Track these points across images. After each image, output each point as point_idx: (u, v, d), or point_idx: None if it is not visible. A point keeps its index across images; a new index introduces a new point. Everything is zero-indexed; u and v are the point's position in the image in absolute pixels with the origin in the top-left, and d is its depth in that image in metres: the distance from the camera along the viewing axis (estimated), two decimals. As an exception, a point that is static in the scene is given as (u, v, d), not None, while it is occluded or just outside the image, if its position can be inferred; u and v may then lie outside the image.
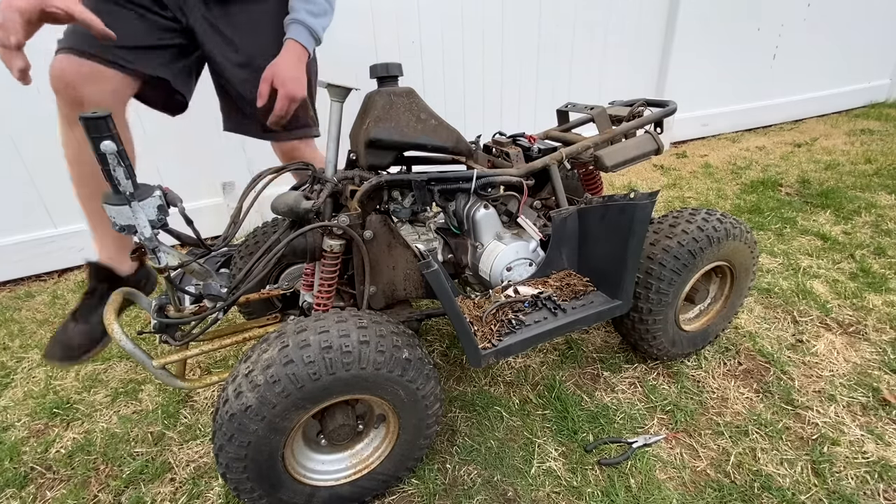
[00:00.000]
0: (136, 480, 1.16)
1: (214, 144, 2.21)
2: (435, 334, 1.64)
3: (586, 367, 1.45)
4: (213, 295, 0.97)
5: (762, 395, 1.32)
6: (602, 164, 1.28)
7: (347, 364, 0.85)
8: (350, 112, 1.13)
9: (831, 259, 1.94)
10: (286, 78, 1.20)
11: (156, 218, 0.78)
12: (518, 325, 1.08)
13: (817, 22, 3.64)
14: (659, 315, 1.24)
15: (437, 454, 1.19)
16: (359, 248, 1.06)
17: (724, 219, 1.25)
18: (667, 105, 1.40)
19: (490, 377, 1.43)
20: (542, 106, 3.00)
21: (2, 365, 1.58)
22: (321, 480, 1.00)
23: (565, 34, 2.88)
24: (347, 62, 2.33)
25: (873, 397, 1.29)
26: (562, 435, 1.23)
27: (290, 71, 1.22)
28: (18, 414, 1.38)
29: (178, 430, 1.29)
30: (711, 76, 3.44)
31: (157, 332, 1.02)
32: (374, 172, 1.14)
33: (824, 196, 2.52)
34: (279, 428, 0.85)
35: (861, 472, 1.09)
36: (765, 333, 1.54)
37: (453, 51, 2.58)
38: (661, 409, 1.29)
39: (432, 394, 0.98)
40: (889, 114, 4.06)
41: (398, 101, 1.08)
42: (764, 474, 1.10)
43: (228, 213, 2.32)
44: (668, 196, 2.69)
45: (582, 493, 1.08)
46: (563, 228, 1.20)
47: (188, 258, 0.91)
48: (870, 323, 1.56)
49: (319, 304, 1.11)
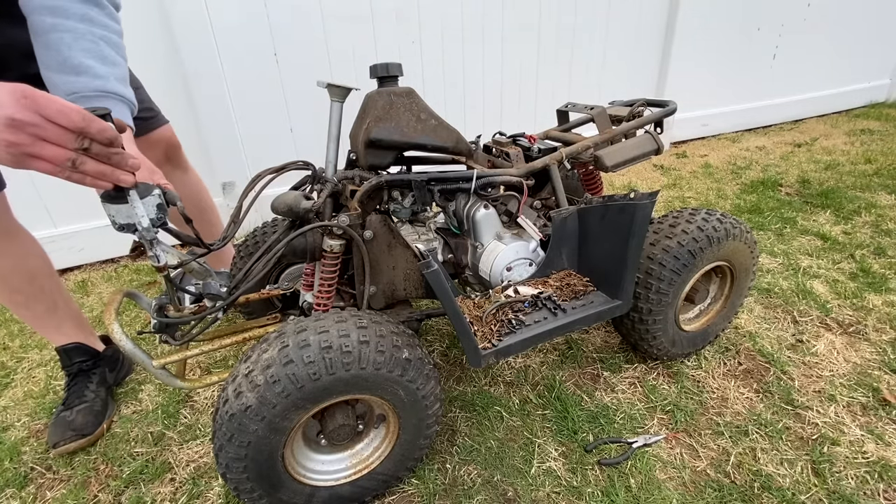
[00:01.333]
0: (136, 480, 1.16)
1: (214, 144, 2.21)
2: (435, 334, 1.64)
3: (586, 367, 1.45)
4: (213, 294, 0.97)
5: (762, 395, 1.32)
6: (602, 164, 1.28)
7: (347, 364, 0.85)
8: (350, 112, 1.13)
9: (831, 259, 1.94)
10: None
11: (155, 216, 0.78)
12: (518, 325, 1.08)
13: (817, 22, 3.64)
14: (659, 315, 1.24)
15: (437, 454, 1.19)
16: (359, 248, 1.06)
17: (724, 219, 1.25)
18: (667, 105, 1.40)
19: (490, 377, 1.43)
20: (542, 106, 3.00)
21: (2, 365, 1.58)
22: (321, 480, 1.00)
23: (565, 34, 2.88)
24: (347, 62, 2.33)
25: (873, 397, 1.29)
26: (562, 435, 1.23)
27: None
28: (18, 414, 1.38)
29: (178, 430, 1.29)
30: (711, 76, 3.44)
31: (156, 331, 1.02)
32: (374, 172, 1.14)
33: (824, 196, 2.52)
34: (279, 428, 0.85)
35: (861, 472, 1.09)
36: (765, 333, 1.54)
37: (453, 51, 2.58)
38: (661, 409, 1.29)
39: (432, 394, 0.98)
40: (889, 114, 4.06)
41: (398, 101, 1.08)
42: (764, 474, 1.10)
43: (228, 213, 2.32)
44: (668, 196, 2.69)
45: (582, 493, 1.08)
46: (563, 228, 1.20)
47: (188, 257, 0.91)
48: (870, 323, 1.56)
49: (319, 304, 1.11)
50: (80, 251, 2.15)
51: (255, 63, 2.16)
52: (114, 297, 1.02)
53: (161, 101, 1.42)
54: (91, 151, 0.64)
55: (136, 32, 1.94)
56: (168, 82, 2.05)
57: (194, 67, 2.04)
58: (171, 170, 1.48)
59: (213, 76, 2.09)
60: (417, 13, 2.41)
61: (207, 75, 2.08)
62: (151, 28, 1.96)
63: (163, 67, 2.02)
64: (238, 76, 2.14)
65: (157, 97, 1.41)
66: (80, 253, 2.16)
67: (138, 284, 2.04)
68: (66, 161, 0.63)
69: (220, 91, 2.13)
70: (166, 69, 2.03)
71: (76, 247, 2.12)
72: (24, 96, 0.58)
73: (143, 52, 1.97)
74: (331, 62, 2.31)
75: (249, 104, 2.22)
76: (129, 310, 1.85)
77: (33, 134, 0.59)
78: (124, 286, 2.03)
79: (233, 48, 2.09)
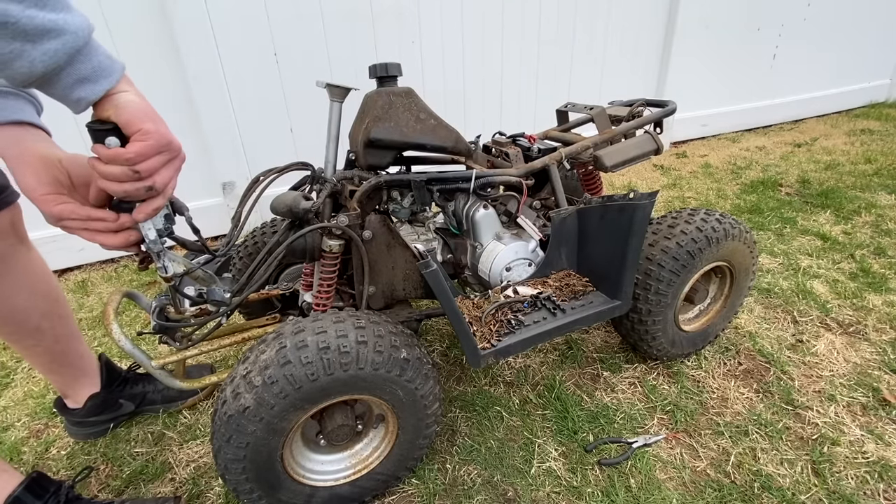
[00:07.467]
0: (136, 480, 1.16)
1: (214, 144, 2.21)
2: (435, 334, 1.64)
3: (586, 367, 1.45)
4: (217, 301, 0.97)
5: (762, 395, 1.32)
6: (601, 165, 1.28)
7: (345, 364, 0.85)
8: (349, 112, 1.13)
9: (831, 259, 1.94)
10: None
11: (162, 227, 0.77)
12: (517, 326, 1.08)
13: (817, 22, 3.64)
14: (658, 315, 1.24)
15: (437, 454, 1.19)
16: (358, 248, 1.06)
17: (724, 219, 1.25)
18: (666, 105, 1.40)
19: (490, 377, 1.43)
20: (542, 106, 3.00)
21: (2, 365, 1.58)
22: (320, 481, 0.99)
23: (565, 34, 2.88)
24: (347, 62, 2.33)
25: (873, 397, 1.29)
26: (562, 435, 1.23)
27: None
28: (18, 414, 1.38)
29: (178, 430, 1.29)
30: (711, 76, 3.44)
31: (156, 332, 1.02)
32: (374, 172, 1.14)
33: (824, 196, 2.51)
34: (277, 429, 0.85)
35: (861, 472, 1.09)
36: (765, 333, 1.54)
37: (453, 51, 2.58)
38: (661, 409, 1.28)
39: (431, 393, 0.98)
40: (889, 114, 4.05)
41: (397, 101, 1.07)
42: (764, 474, 1.09)
43: (229, 213, 2.32)
44: (667, 196, 2.69)
45: (582, 493, 1.08)
46: (562, 228, 1.20)
47: (193, 265, 0.91)
48: (870, 323, 1.56)
49: (318, 304, 1.11)
50: (80, 251, 2.15)
51: (255, 63, 2.15)
52: (113, 298, 1.02)
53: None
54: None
55: (137, 33, 1.95)
56: (168, 82, 2.05)
57: (194, 67, 2.04)
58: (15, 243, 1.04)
59: (213, 76, 2.09)
60: (417, 13, 2.41)
61: (207, 75, 2.08)
62: (152, 28, 1.95)
63: (163, 68, 2.02)
64: (238, 76, 2.14)
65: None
66: (80, 253, 2.16)
67: (138, 285, 2.04)
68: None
69: (220, 91, 2.13)
70: (166, 69, 2.03)
71: (76, 247, 2.12)
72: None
73: (143, 53, 1.98)
74: (331, 62, 2.31)
75: (249, 104, 2.22)
76: (129, 310, 1.85)
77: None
78: (124, 286, 2.03)
79: (233, 48, 2.09)
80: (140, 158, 0.62)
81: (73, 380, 1.21)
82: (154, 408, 1.33)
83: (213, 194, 2.33)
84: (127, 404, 1.28)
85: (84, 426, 1.25)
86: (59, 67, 0.55)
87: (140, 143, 0.62)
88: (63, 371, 1.18)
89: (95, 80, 0.59)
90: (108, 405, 1.25)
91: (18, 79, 0.55)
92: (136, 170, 0.63)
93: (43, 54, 0.54)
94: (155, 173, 0.66)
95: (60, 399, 1.23)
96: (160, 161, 0.65)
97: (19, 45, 0.52)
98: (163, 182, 0.67)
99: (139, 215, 0.70)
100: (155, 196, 0.68)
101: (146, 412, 1.33)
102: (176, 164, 0.69)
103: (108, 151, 0.62)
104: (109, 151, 0.62)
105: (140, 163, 0.63)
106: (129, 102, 0.62)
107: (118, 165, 0.62)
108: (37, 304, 1.07)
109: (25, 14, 0.51)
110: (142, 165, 0.63)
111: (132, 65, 1.03)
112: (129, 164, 0.62)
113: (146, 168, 0.64)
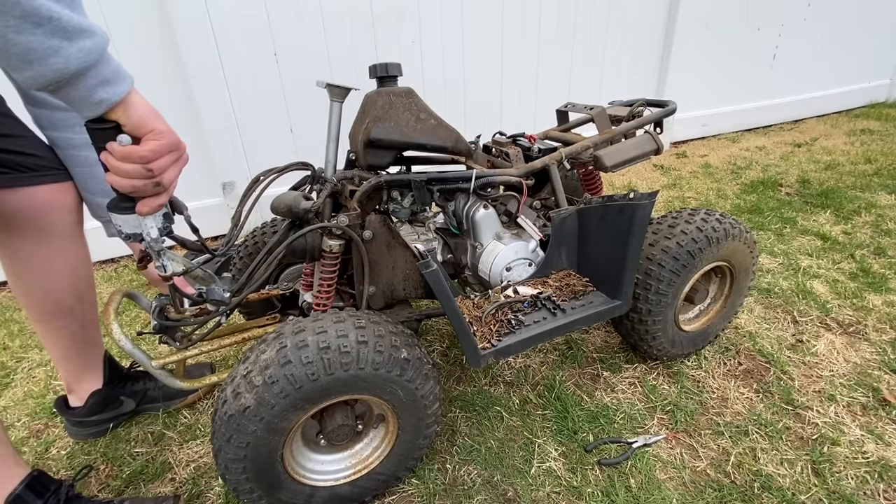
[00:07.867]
0: (136, 480, 1.16)
1: (214, 144, 2.21)
2: (435, 334, 1.64)
3: (586, 367, 1.45)
4: (217, 300, 0.97)
5: (762, 395, 1.32)
6: (602, 165, 1.28)
7: (346, 364, 0.85)
8: (350, 112, 1.13)
9: (831, 259, 1.94)
10: None
11: (162, 226, 0.78)
12: (517, 326, 1.08)
13: (817, 22, 3.64)
14: (658, 315, 1.24)
15: (437, 454, 1.19)
16: (358, 248, 1.06)
17: (724, 219, 1.25)
18: (666, 105, 1.40)
19: (490, 377, 1.43)
20: (542, 106, 3.00)
21: (2, 365, 1.58)
22: (320, 481, 0.99)
23: (565, 34, 2.88)
24: (347, 62, 2.33)
25: (873, 397, 1.29)
26: (562, 435, 1.23)
27: None
28: (18, 414, 1.38)
29: (178, 430, 1.29)
30: (711, 76, 3.44)
31: (156, 332, 1.02)
32: (374, 172, 1.14)
33: (824, 196, 2.51)
34: (278, 429, 0.85)
35: (861, 472, 1.09)
36: (765, 333, 1.54)
37: (453, 51, 2.58)
38: (661, 409, 1.28)
39: (431, 393, 0.98)
40: (889, 114, 4.05)
41: (397, 101, 1.08)
42: (764, 474, 1.09)
43: (229, 213, 2.32)
44: (667, 196, 2.69)
45: (582, 493, 1.08)
46: (562, 228, 1.20)
47: (192, 264, 0.91)
48: (870, 323, 1.56)
49: (319, 304, 1.11)
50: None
51: (255, 63, 2.15)
52: (113, 297, 1.02)
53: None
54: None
55: (137, 33, 1.95)
56: (168, 82, 2.05)
57: (194, 67, 2.04)
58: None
59: (213, 75, 2.09)
60: (417, 13, 2.41)
61: (207, 75, 2.08)
62: (152, 28, 1.95)
63: (163, 68, 2.02)
64: (238, 76, 2.14)
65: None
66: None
67: (138, 285, 2.04)
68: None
69: (220, 91, 2.13)
70: (166, 69, 2.03)
71: (76, 247, 2.12)
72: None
73: (143, 53, 1.98)
74: (331, 62, 2.31)
75: (249, 104, 2.22)
76: (129, 310, 1.85)
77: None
78: (124, 286, 2.03)
79: (233, 48, 2.09)
80: (154, 156, 0.66)
81: (83, 370, 1.21)
82: (155, 405, 1.33)
83: (212, 194, 2.33)
84: (128, 402, 1.29)
85: (84, 426, 1.25)
86: (88, 67, 0.58)
87: (154, 143, 0.66)
88: (77, 360, 1.19)
89: (115, 83, 0.62)
90: (110, 402, 1.26)
91: (48, 76, 0.56)
92: (149, 168, 0.66)
93: (79, 51, 0.56)
94: (164, 171, 0.69)
95: (60, 399, 1.23)
96: (170, 160, 0.69)
97: (57, 41, 0.55)
98: (169, 179, 0.71)
99: (143, 208, 0.71)
100: (161, 192, 0.71)
101: (147, 410, 1.33)
102: (181, 163, 0.73)
103: (121, 149, 0.65)
104: (123, 149, 0.65)
105: (154, 161, 0.66)
106: (137, 104, 0.65)
107: (132, 163, 0.65)
108: (77, 285, 1.10)
109: (65, 12, 0.55)
110: (154, 164, 0.66)
111: (132, 64, 1.04)
112: (142, 162, 0.65)
113: (158, 166, 0.67)
